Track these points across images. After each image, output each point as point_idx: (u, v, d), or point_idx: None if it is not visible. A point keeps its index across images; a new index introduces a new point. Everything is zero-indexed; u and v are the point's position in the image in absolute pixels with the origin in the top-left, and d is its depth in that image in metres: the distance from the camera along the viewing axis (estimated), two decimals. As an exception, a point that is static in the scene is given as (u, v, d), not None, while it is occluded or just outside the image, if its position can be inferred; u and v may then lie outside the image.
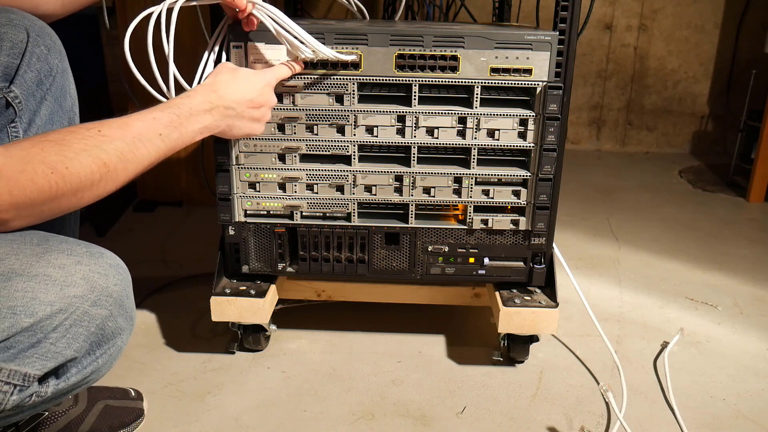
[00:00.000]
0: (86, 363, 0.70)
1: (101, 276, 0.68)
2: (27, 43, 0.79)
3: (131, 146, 0.73)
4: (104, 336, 0.70)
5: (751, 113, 2.20)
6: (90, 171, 0.67)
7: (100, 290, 0.67)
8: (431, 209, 1.11)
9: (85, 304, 0.66)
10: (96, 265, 0.68)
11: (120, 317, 0.71)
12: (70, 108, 0.86)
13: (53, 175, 0.63)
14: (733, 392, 1.11)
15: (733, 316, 1.37)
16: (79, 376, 0.70)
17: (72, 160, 0.65)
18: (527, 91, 1.04)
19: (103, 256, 0.70)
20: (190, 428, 1.00)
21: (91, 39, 2.02)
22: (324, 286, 1.21)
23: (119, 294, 0.70)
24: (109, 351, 0.72)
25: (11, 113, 0.78)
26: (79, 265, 0.66)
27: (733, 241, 1.76)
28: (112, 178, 0.70)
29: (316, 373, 1.14)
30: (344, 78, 1.02)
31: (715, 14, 2.51)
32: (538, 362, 1.18)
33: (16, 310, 0.61)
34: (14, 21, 0.78)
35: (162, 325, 1.27)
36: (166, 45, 0.87)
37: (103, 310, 0.68)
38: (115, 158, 0.70)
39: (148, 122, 0.77)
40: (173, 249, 1.61)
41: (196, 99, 0.85)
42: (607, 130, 2.67)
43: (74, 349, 0.66)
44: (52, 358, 0.65)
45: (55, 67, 0.82)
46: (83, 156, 0.67)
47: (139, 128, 0.75)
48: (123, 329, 0.72)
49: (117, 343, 0.72)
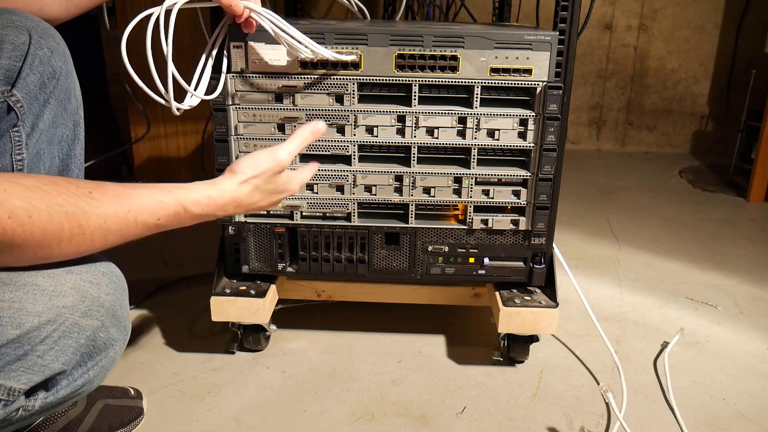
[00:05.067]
0: (77, 375, 0.68)
1: (93, 285, 0.66)
2: (29, 45, 0.77)
3: (119, 220, 0.65)
4: (96, 347, 0.68)
5: (751, 113, 2.19)
6: (59, 227, 0.60)
7: (92, 300, 0.65)
8: (431, 209, 1.11)
9: (75, 314, 0.64)
10: (87, 274, 0.66)
11: (113, 328, 0.69)
12: (74, 111, 0.85)
13: (10, 221, 0.57)
14: (733, 392, 1.11)
15: (733, 316, 1.37)
16: (70, 389, 0.67)
17: (40, 211, 0.59)
18: (527, 91, 1.04)
19: (95, 264, 0.68)
20: (190, 428, 1.00)
21: (91, 39, 2.02)
22: (324, 286, 1.21)
23: (112, 304, 0.68)
24: (101, 363, 0.69)
25: (13, 118, 0.76)
26: (69, 274, 0.64)
27: (733, 241, 1.76)
28: (86, 242, 0.63)
29: (316, 373, 1.14)
30: (344, 78, 1.02)
31: (715, 14, 2.51)
32: (538, 362, 1.18)
33: (2, 321, 0.59)
34: (16, 23, 0.77)
35: (162, 325, 1.27)
36: (165, 46, 0.87)
37: (95, 320, 0.66)
38: (95, 225, 0.63)
39: (151, 204, 0.69)
40: (173, 249, 1.61)
41: (216, 202, 0.75)
42: (607, 130, 2.67)
43: (62, 361, 0.64)
44: (38, 372, 0.63)
45: (59, 69, 0.81)
46: (56, 210, 0.60)
47: (137, 205, 0.67)
48: (116, 340, 0.70)
49: (109, 354, 0.70)
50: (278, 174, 0.81)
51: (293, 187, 0.85)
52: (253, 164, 0.79)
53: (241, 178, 0.78)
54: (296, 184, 0.86)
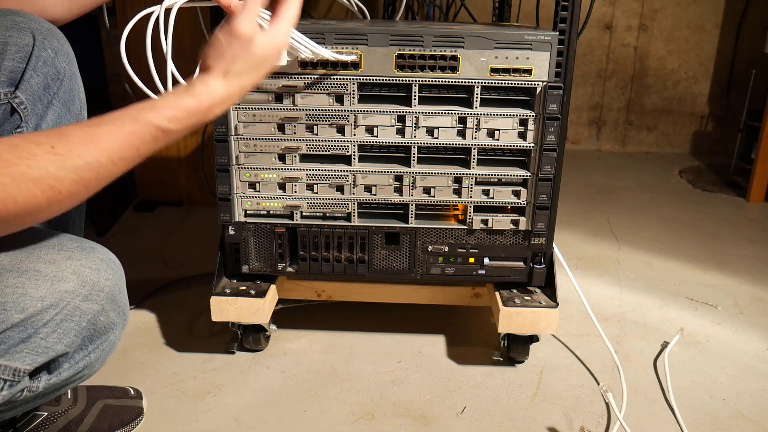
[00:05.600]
0: (78, 358, 0.70)
1: (92, 270, 0.67)
2: (33, 46, 0.77)
3: (94, 167, 0.60)
4: (96, 331, 0.70)
5: (751, 113, 2.19)
6: (31, 196, 0.56)
7: (92, 285, 0.67)
8: (431, 209, 1.11)
9: (76, 298, 0.66)
10: (87, 260, 0.67)
11: (112, 312, 0.71)
12: (78, 112, 0.85)
13: None
14: (733, 392, 1.11)
15: (733, 316, 1.37)
16: (72, 371, 0.69)
17: (6, 186, 0.55)
18: (527, 91, 1.04)
19: (94, 251, 0.69)
20: (190, 428, 1.00)
21: (91, 39, 2.02)
22: (324, 286, 1.21)
23: (111, 288, 0.69)
24: (101, 346, 0.71)
25: (17, 119, 0.76)
26: (69, 260, 0.66)
27: (733, 241, 1.76)
28: (67, 199, 0.60)
29: (316, 373, 1.14)
30: (344, 78, 1.02)
31: (715, 14, 2.51)
32: (538, 362, 1.18)
33: (6, 306, 0.61)
34: (20, 24, 0.77)
35: (162, 325, 1.27)
36: (165, 46, 0.87)
37: (95, 304, 0.68)
38: (68, 182, 0.59)
39: (122, 138, 0.63)
40: (173, 249, 1.61)
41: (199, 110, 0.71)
42: (607, 130, 2.67)
43: (65, 344, 0.66)
44: (42, 353, 0.65)
45: (63, 70, 0.81)
46: (22, 180, 0.55)
47: (108, 145, 0.62)
48: (115, 324, 0.72)
49: (110, 338, 0.72)
50: (251, 43, 0.73)
51: (279, 40, 0.77)
52: (218, 52, 0.72)
53: (216, 75, 0.72)
54: (279, 35, 0.76)
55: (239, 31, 0.72)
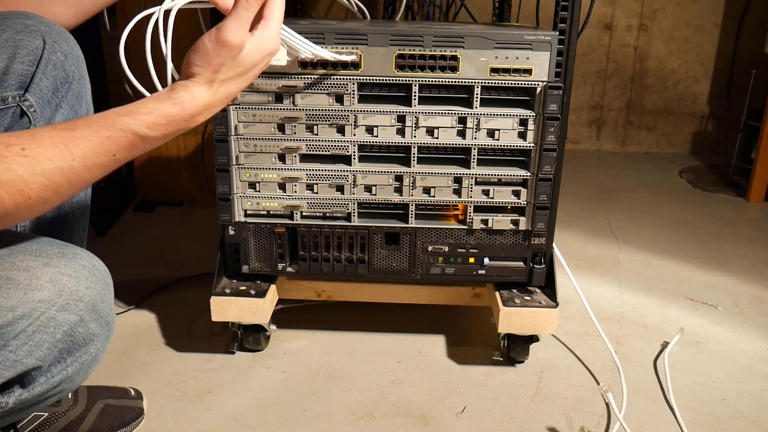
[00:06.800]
0: (54, 372, 0.65)
1: (71, 278, 0.63)
2: (43, 50, 0.77)
3: (65, 172, 0.58)
4: (75, 343, 0.65)
5: (751, 113, 2.19)
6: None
7: (69, 294, 0.63)
8: (431, 209, 1.11)
9: (51, 308, 0.61)
10: (66, 267, 0.63)
11: (93, 323, 0.66)
12: (85, 114, 0.85)
13: None
14: (733, 392, 1.11)
15: (733, 316, 1.37)
16: (47, 385, 0.65)
17: None
18: (527, 91, 1.04)
19: (76, 257, 0.65)
20: (190, 428, 1.00)
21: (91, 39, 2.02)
22: (324, 286, 1.21)
23: (92, 298, 0.65)
24: (80, 359, 0.67)
25: (26, 122, 0.76)
26: (47, 267, 0.62)
27: (733, 241, 1.76)
28: (37, 204, 0.57)
29: (316, 373, 1.14)
30: (344, 78, 1.02)
31: (715, 14, 2.51)
32: (538, 362, 1.18)
33: None
34: (30, 27, 0.77)
35: (162, 325, 1.27)
36: (164, 46, 0.87)
37: (73, 315, 0.63)
38: (38, 186, 0.56)
39: (98, 143, 0.60)
40: (173, 249, 1.61)
41: (180, 117, 0.67)
42: (607, 130, 2.67)
43: (37, 357, 0.62)
44: (11, 367, 0.61)
45: (72, 73, 0.81)
46: None
47: (82, 150, 0.59)
48: (96, 335, 0.67)
49: (90, 350, 0.67)
50: (239, 51, 0.69)
51: (269, 44, 0.72)
52: (204, 58, 0.68)
53: (200, 81, 0.68)
54: (269, 39, 0.72)
55: (227, 39, 0.68)
